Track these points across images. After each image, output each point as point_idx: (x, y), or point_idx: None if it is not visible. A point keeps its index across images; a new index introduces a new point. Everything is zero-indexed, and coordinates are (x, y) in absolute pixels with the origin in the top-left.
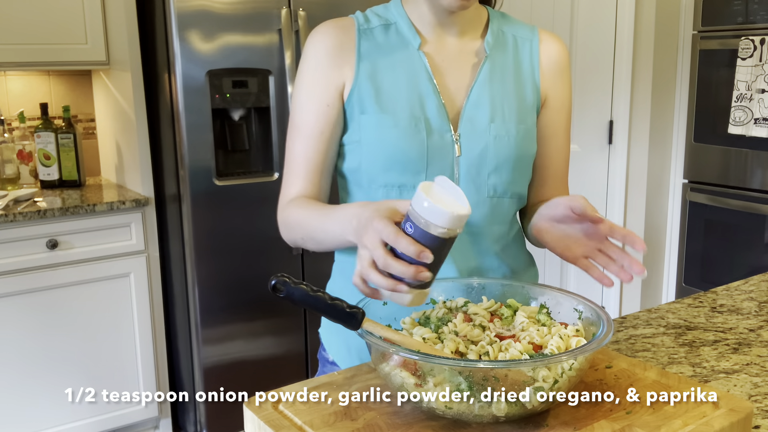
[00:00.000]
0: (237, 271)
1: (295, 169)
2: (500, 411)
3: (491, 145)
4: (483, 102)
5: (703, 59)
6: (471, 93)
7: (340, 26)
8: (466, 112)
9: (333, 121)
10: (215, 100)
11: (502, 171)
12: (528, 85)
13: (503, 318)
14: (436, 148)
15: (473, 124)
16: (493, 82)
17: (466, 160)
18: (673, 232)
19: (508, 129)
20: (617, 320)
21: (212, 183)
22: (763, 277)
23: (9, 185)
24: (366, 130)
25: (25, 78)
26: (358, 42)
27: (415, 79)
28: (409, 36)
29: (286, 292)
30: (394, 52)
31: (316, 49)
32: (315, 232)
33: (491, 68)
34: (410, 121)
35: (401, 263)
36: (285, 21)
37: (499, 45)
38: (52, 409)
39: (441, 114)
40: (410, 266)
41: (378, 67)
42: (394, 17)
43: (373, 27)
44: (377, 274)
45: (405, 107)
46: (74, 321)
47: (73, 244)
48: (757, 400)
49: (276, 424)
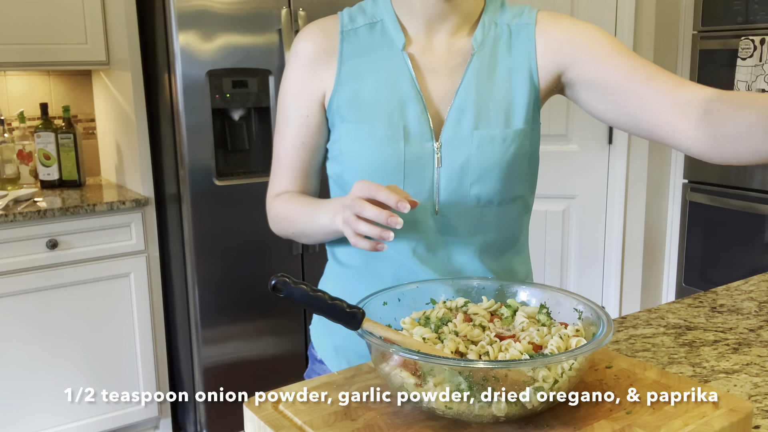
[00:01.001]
0: (237, 271)
1: (281, 170)
2: (500, 411)
3: (473, 155)
4: (467, 106)
5: (703, 59)
6: (455, 97)
7: (323, 29)
8: (450, 118)
9: (313, 131)
10: (215, 100)
11: (488, 180)
12: (523, 78)
13: (503, 318)
14: (414, 159)
15: (456, 132)
16: (479, 83)
17: (446, 171)
18: (673, 232)
19: (493, 136)
20: (617, 320)
21: (212, 183)
22: (763, 277)
23: (9, 185)
24: (345, 140)
25: (25, 78)
26: (341, 45)
27: (397, 84)
28: (393, 35)
29: (286, 292)
30: (377, 54)
31: (297, 58)
32: (304, 225)
33: (479, 67)
34: (388, 130)
35: (375, 207)
36: (285, 21)
37: (490, 39)
38: (52, 409)
39: (422, 121)
40: (382, 210)
41: (360, 71)
42: (381, 14)
43: (357, 27)
44: (366, 224)
45: (383, 115)
46: (74, 321)
47: (73, 244)
48: (757, 400)
49: (276, 424)
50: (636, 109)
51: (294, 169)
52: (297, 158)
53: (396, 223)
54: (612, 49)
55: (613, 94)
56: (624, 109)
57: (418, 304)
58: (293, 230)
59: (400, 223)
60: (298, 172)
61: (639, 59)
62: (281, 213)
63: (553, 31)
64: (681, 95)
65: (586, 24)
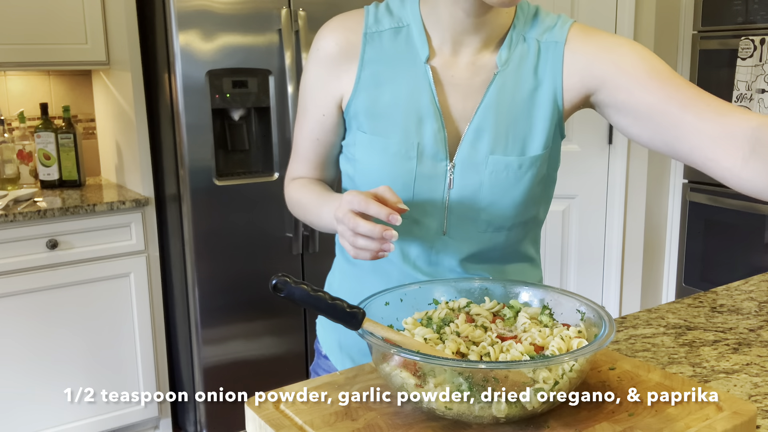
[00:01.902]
0: (237, 271)
1: (299, 158)
2: (500, 412)
3: (486, 181)
4: (486, 128)
5: (703, 59)
6: (474, 117)
7: (347, 28)
8: (466, 139)
9: (328, 129)
10: (215, 100)
11: (499, 206)
12: (547, 100)
13: (505, 319)
14: (425, 178)
15: (471, 154)
16: (500, 104)
17: (457, 193)
18: (673, 232)
19: (508, 163)
20: (617, 320)
21: (212, 183)
22: (763, 277)
23: (9, 185)
24: (359, 147)
25: (25, 78)
26: (363, 48)
27: (416, 97)
28: (418, 46)
29: (287, 291)
30: (399, 63)
31: (318, 56)
32: (311, 216)
33: (501, 87)
34: (401, 146)
35: (368, 223)
36: (285, 21)
37: (516, 57)
38: (52, 409)
39: (438, 139)
40: (376, 226)
41: (379, 78)
42: (408, 19)
43: (382, 30)
44: (363, 239)
45: (399, 129)
46: (74, 321)
47: (73, 244)
48: (757, 400)
49: (277, 424)
50: (674, 139)
51: (309, 161)
52: (312, 151)
53: (391, 237)
54: (647, 70)
55: (647, 120)
56: (660, 137)
57: (421, 304)
58: (302, 217)
59: (395, 236)
60: (313, 164)
61: (678, 81)
62: (294, 198)
63: (583, 48)
64: (724, 126)
65: (621, 40)
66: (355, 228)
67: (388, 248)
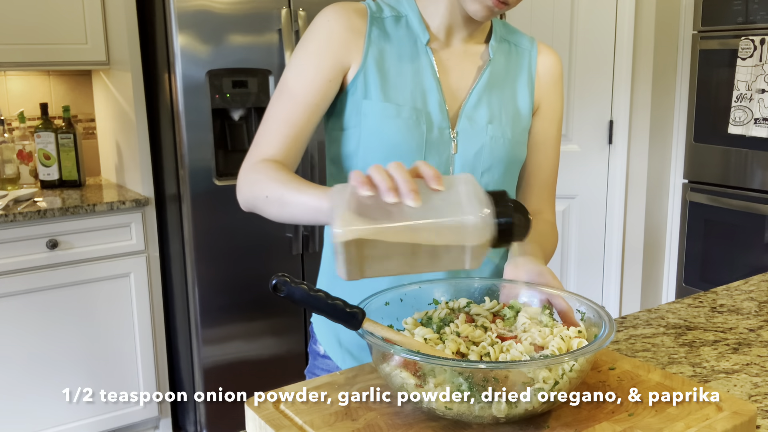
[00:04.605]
0: (237, 271)
1: (273, 131)
2: (500, 412)
3: (487, 144)
4: (482, 104)
5: (703, 59)
6: (471, 94)
7: (354, 9)
8: (465, 111)
9: (329, 97)
10: (215, 100)
11: (494, 171)
12: (525, 93)
13: (506, 319)
14: (434, 143)
15: (472, 123)
16: (492, 86)
17: (461, 157)
18: (673, 232)
19: (504, 131)
20: (617, 320)
21: (212, 183)
22: (763, 277)
23: (9, 185)
24: (367, 117)
25: (25, 78)
26: (369, 27)
27: (419, 74)
28: (418, 31)
29: (287, 291)
30: (402, 44)
31: (330, 23)
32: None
33: (492, 73)
34: (412, 113)
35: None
36: (285, 21)
37: (502, 51)
38: (52, 409)
39: (442, 110)
40: (411, 179)
41: (386, 55)
42: (405, 10)
43: (384, 17)
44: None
45: (408, 99)
46: (74, 321)
47: (73, 244)
48: (757, 400)
49: (277, 424)
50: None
51: (293, 128)
52: (301, 118)
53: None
54: (557, 135)
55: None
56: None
57: (421, 304)
58: (269, 193)
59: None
60: (294, 133)
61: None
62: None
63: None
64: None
65: (562, 94)
66: (394, 170)
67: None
